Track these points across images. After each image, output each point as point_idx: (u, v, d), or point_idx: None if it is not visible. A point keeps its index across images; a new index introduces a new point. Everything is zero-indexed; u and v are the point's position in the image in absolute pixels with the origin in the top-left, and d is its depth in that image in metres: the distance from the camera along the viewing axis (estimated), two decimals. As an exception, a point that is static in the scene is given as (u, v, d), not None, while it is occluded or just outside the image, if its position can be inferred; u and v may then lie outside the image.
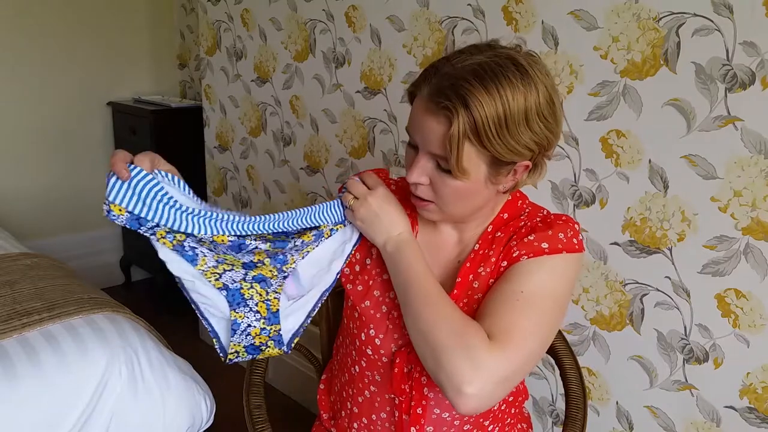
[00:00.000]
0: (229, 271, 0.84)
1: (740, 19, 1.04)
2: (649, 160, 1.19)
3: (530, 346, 0.79)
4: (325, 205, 0.92)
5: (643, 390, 1.28)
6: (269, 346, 0.88)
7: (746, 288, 1.11)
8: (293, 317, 0.89)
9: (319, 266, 0.92)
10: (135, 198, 0.77)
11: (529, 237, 0.86)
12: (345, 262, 0.94)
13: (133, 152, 0.81)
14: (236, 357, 0.86)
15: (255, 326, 0.86)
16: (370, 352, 0.92)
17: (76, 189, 2.85)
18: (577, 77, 1.27)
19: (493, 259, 0.88)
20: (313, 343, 1.44)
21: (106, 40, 2.83)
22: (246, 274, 0.85)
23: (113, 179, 0.76)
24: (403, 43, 1.61)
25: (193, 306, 0.85)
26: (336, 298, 1.18)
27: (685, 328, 1.20)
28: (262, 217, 0.86)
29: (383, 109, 1.71)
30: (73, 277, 1.71)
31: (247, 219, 0.84)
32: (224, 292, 0.84)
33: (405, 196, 0.93)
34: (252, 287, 0.86)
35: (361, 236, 0.94)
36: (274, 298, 0.87)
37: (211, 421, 1.49)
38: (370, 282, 0.93)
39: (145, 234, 0.79)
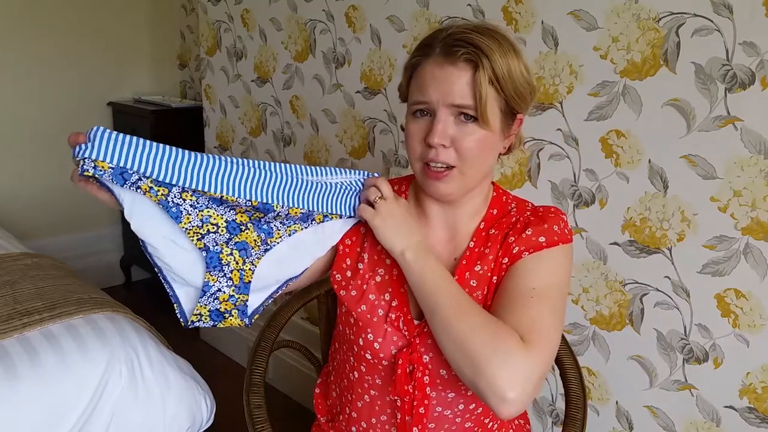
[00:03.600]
0: (213, 233, 0.83)
1: (740, 19, 1.04)
2: (649, 160, 1.19)
3: (554, 340, 0.81)
4: (342, 189, 0.91)
5: (642, 390, 1.28)
6: (233, 315, 0.87)
7: (746, 288, 1.11)
8: (256, 294, 0.89)
9: (297, 251, 0.91)
10: (116, 151, 0.75)
11: (526, 232, 0.88)
12: (323, 254, 0.94)
13: None
14: (198, 320, 0.86)
15: (225, 292, 0.86)
16: (370, 357, 0.91)
17: (76, 189, 2.82)
18: (576, 77, 1.27)
19: (491, 257, 0.89)
20: (313, 343, 1.44)
21: (106, 40, 2.83)
22: (230, 239, 0.84)
23: (80, 146, 0.75)
24: (403, 43, 1.61)
25: (155, 269, 0.84)
26: (335, 298, 1.18)
27: (684, 328, 1.20)
28: (261, 175, 0.83)
29: (383, 109, 1.71)
30: (73, 276, 1.72)
31: (246, 174, 0.82)
32: (204, 253, 0.83)
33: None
34: (231, 254, 0.85)
35: (344, 236, 0.94)
36: (249, 269, 0.86)
37: (211, 421, 1.50)
38: (364, 286, 0.93)
39: (129, 188, 0.77)
